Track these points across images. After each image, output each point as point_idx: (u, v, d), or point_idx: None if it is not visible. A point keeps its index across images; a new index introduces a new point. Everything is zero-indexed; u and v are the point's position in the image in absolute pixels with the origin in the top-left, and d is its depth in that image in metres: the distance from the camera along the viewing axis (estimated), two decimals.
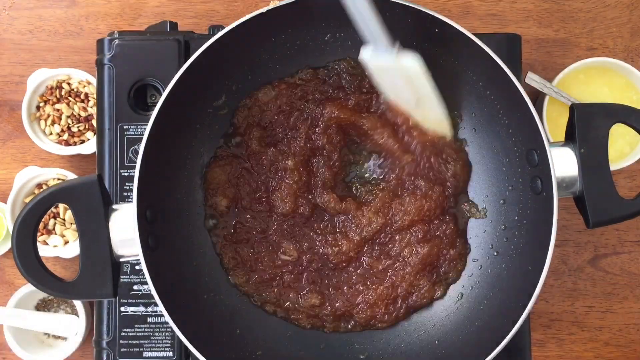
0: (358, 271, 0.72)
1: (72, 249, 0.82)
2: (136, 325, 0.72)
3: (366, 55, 0.63)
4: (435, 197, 0.71)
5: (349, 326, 0.72)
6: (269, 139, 0.73)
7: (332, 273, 0.72)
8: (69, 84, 0.84)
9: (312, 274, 0.72)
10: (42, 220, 0.65)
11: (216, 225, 0.72)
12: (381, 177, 0.74)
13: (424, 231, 0.71)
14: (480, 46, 0.62)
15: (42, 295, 0.83)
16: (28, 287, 0.81)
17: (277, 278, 0.72)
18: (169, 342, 0.72)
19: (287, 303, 0.72)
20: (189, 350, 0.61)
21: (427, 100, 0.66)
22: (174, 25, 0.77)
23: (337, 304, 0.72)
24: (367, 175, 0.74)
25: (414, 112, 0.68)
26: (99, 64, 0.74)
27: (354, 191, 0.74)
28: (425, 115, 0.68)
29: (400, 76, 0.63)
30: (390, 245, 0.72)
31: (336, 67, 0.73)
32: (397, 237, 0.72)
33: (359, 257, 0.72)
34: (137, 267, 0.73)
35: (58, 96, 0.83)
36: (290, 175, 0.71)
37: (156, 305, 0.61)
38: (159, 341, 0.72)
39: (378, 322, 0.72)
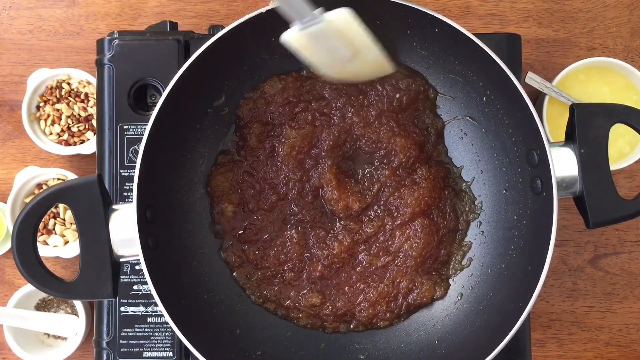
0: (358, 269, 0.72)
1: (72, 249, 0.81)
2: (136, 325, 0.72)
3: (290, 34, 0.61)
4: (417, 139, 0.72)
5: (351, 326, 0.72)
6: (269, 133, 0.73)
7: (333, 273, 0.72)
8: (69, 84, 0.84)
9: (312, 273, 0.72)
10: (42, 220, 0.65)
11: (223, 228, 0.73)
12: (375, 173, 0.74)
13: (423, 225, 0.71)
14: (480, 46, 0.62)
15: (42, 295, 0.83)
16: (28, 287, 0.81)
17: (279, 275, 0.72)
18: (169, 342, 0.72)
19: (288, 301, 0.72)
20: (189, 350, 0.61)
21: (364, 45, 0.65)
22: (174, 25, 0.77)
23: (338, 304, 0.72)
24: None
25: (351, 66, 0.67)
26: (99, 64, 0.74)
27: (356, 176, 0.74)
28: (365, 60, 0.67)
29: (331, 35, 0.62)
30: (389, 242, 0.72)
31: None
32: (397, 233, 0.72)
33: (356, 256, 0.72)
34: (137, 267, 0.73)
35: (58, 96, 0.83)
36: (289, 140, 0.72)
37: (156, 305, 0.61)
38: (159, 341, 0.72)
39: (380, 321, 0.72)
